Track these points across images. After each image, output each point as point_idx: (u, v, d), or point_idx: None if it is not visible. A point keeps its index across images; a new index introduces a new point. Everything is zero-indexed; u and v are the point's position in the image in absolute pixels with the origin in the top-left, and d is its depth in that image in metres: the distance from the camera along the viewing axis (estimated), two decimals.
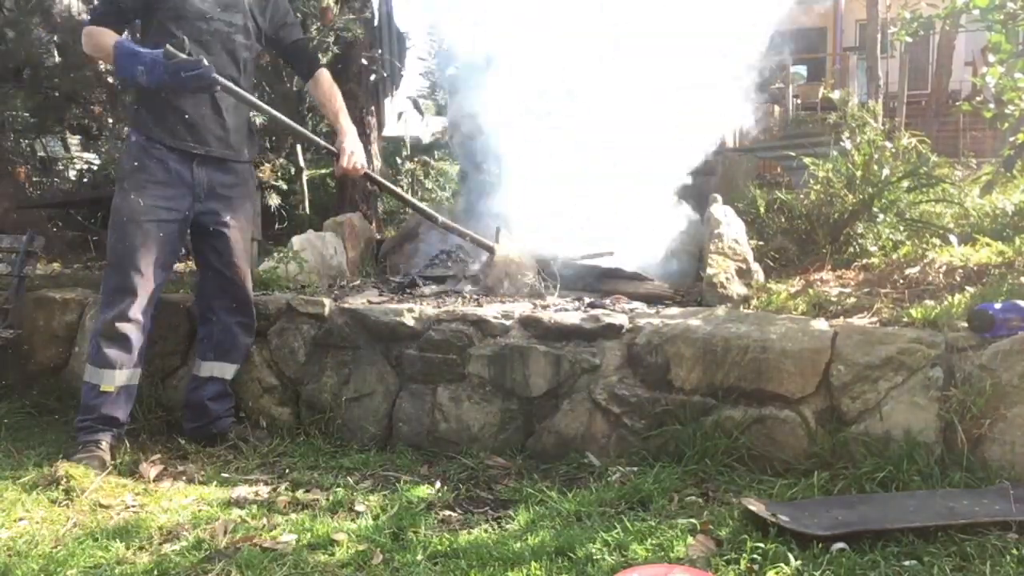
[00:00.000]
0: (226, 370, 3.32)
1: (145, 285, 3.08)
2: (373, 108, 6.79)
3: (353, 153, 3.37)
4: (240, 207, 3.34)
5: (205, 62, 2.97)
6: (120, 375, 3.08)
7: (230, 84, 3.12)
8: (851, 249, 4.18)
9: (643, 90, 4.18)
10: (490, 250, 3.84)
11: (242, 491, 2.80)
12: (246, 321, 3.35)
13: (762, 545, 2.20)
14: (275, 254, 4.19)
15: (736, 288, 3.48)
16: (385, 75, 6.98)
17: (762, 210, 4.74)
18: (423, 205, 3.97)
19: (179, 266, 6.38)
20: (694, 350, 2.93)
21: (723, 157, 6.34)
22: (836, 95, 8.21)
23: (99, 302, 3.16)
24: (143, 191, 3.10)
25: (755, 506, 2.39)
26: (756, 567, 2.14)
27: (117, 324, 3.05)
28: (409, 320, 3.25)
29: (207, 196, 3.22)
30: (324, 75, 3.53)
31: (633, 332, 3.06)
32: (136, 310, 3.07)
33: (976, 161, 6.78)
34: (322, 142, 3.59)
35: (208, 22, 3.16)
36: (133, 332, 3.08)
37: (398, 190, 3.58)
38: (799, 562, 2.13)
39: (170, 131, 3.14)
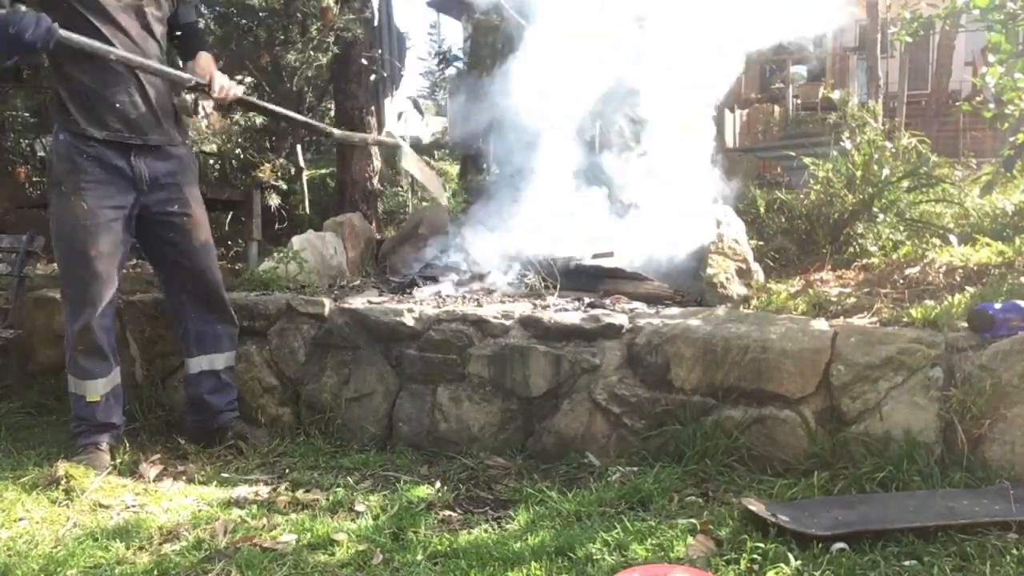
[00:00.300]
0: (215, 361, 3.27)
1: (105, 290, 3.01)
2: (373, 108, 6.79)
3: (223, 86, 3.14)
4: (189, 193, 3.21)
5: (25, 8, 2.71)
6: (101, 384, 3.06)
7: (72, 35, 2.80)
8: (851, 249, 4.18)
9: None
10: (397, 147, 3.84)
11: (242, 491, 2.80)
12: (220, 308, 3.28)
13: (762, 545, 2.20)
14: (275, 254, 4.19)
15: (736, 288, 3.48)
16: (385, 75, 6.98)
17: (762, 210, 4.74)
18: (308, 119, 3.85)
19: None
20: (694, 350, 2.93)
21: (723, 157, 6.35)
22: (836, 95, 8.21)
23: (64, 310, 3.08)
24: (83, 193, 2.95)
25: (755, 506, 2.39)
26: (756, 567, 2.14)
27: (86, 335, 3.00)
28: (409, 320, 3.25)
29: (151, 187, 3.09)
30: (204, 55, 3.34)
31: (633, 332, 3.06)
32: (100, 316, 3.01)
33: (976, 161, 6.78)
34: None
35: None
36: (103, 338, 3.03)
37: (274, 107, 3.45)
38: (799, 562, 2.13)
39: (100, 123, 2.98)
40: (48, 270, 4.54)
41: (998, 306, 2.71)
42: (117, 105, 3.00)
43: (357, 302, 3.48)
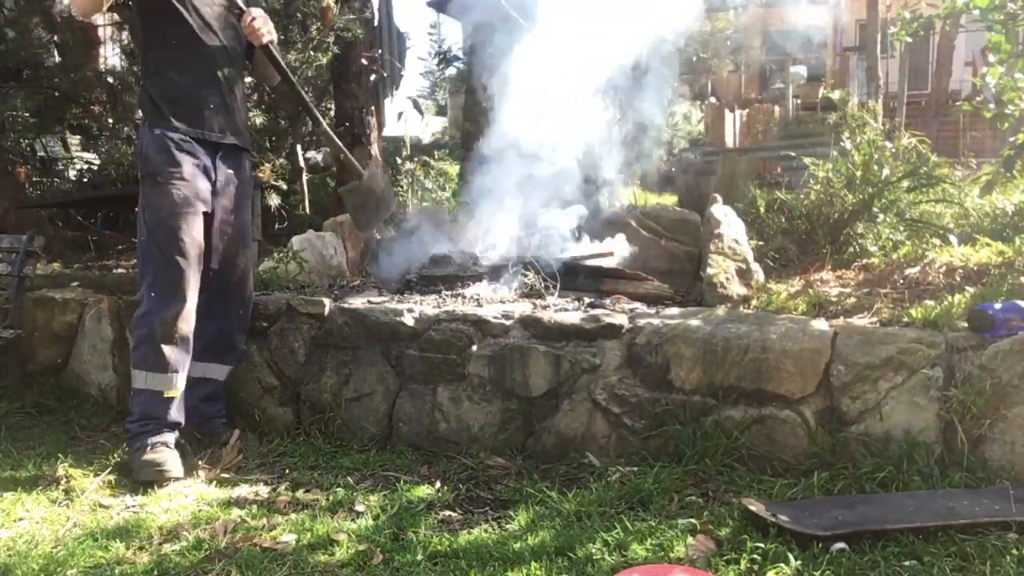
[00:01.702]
0: (221, 371, 3.29)
1: (195, 279, 3.00)
2: (373, 108, 6.79)
3: (254, 20, 3.13)
4: (243, 203, 3.28)
5: None
6: (182, 378, 3.00)
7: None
8: (851, 249, 4.18)
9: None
10: (359, 176, 3.77)
11: (242, 491, 2.81)
12: (243, 321, 3.32)
13: (762, 545, 2.20)
14: (275, 254, 4.19)
15: (736, 288, 3.48)
16: (385, 75, 6.98)
17: (762, 210, 4.74)
18: (310, 101, 3.69)
19: None
20: (694, 350, 2.93)
21: (723, 157, 6.35)
22: (836, 95, 8.22)
23: (147, 301, 2.98)
24: (178, 184, 3.00)
25: (755, 506, 2.39)
26: (756, 567, 2.14)
27: (182, 323, 2.95)
28: (409, 320, 3.25)
29: (221, 191, 3.16)
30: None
31: (633, 332, 3.06)
32: (192, 305, 2.99)
33: (976, 161, 6.78)
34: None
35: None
36: (191, 330, 3.00)
37: (288, 72, 3.36)
38: (799, 562, 2.13)
39: (193, 121, 3.07)
40: (48, 270, 4.54)
41: (998, 306, 2.71)
42: (211, 105, 3.10)
43: (357, 302, 3.48)
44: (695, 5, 4.30)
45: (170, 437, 2.98)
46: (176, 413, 3.00)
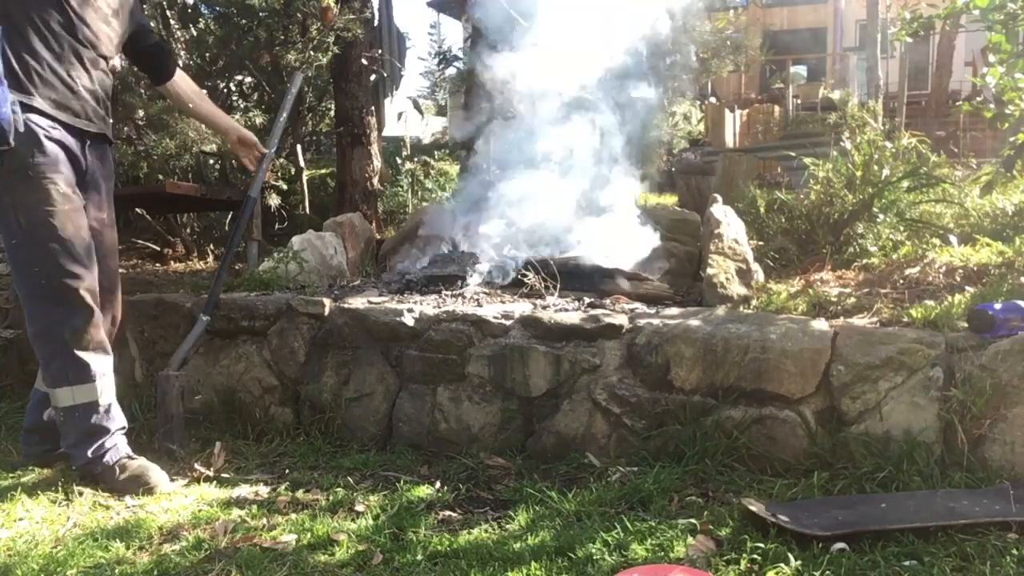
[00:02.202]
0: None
1: (93, 275, 2.75)
2: (373, 108, 6.80)
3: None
4: (109, 201, 3.00)
5: None
6: (111, 381, 2.81)
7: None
8: (851, 249, 4.18)
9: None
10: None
11: (242, 491, 2.80)
12: (118, 329, 3.09)
13: (762, 545, 2.20)
14: (275, 254, 4.19)
15: (736, 288, 3.48)
16: (385, 75, 6.99)
17: (762, 210, 4.74)
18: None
19: (178, 265, 6.40)
20: (694, 350, 2.93)
21: (723, 157, 6.35)
22: (836, 95, 8.22)
23: (39, 315, 2.72)
24: (51, 178, 2.67)
25: (755, 506, 2.39)
26: (756, 567, 2.14)
27: (89, 329, 2.71)
28: (409, 320, 3.25)
29: (90, 185, 2.88)
30: (183, 75, 3.26)
31: (633, 332, 3.06)
32: (97, 307, 2.75)
33: (976, 161, 6.78)
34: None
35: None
36: (104, 333, 2.80)
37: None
38: (799, 562, 2.13)
39: (61, 105, 2.74)
40: None
41: (998, 306, 2.71)
42: (87, 88, 2.81)
43: (357, 302, 3.48)
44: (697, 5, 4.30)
45: (124, 443, 2.83)
46: (119, 418, 2.83)
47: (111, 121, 3.05)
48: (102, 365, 2.78)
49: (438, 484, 2.84)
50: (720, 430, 2.86)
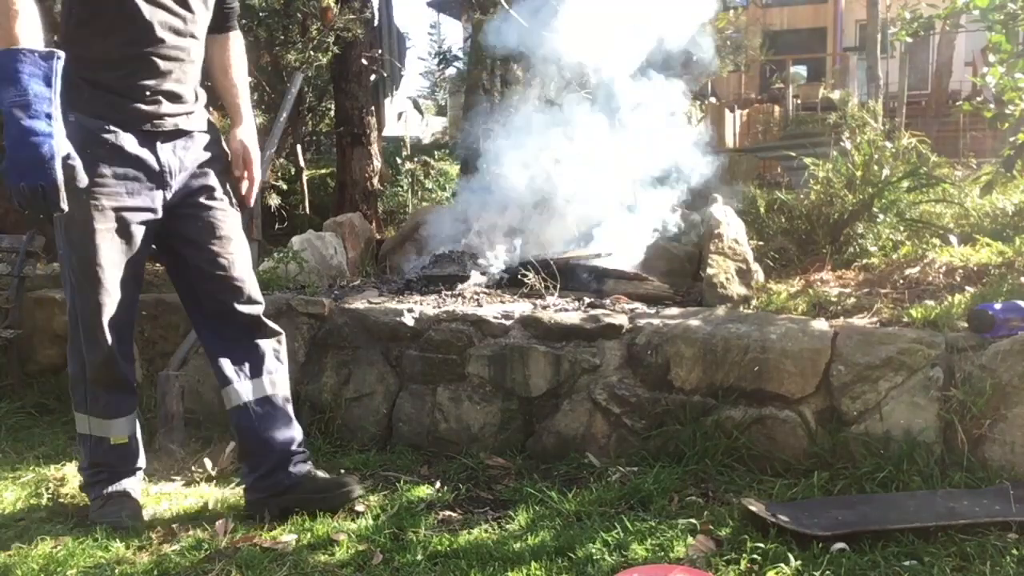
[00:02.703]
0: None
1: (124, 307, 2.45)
2: (373, 108, 6.79)
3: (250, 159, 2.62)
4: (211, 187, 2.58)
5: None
6: (126, 422, 2.55)
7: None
8: (851, 249, 4.18)
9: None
10: None
11: (242, 491, 2.80)
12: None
13: (762, 545, 2.20)
14: (275, 254, 4.19)
15: (736, 288, 3.48)
16: (385, 75, 6.99)
17: (762, 210, 4.74)
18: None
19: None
20: (694, 350, 2.93)
21: (723, 157, 6.34)
22: (836, 95, 8.22)
23: (73, 335, 2.49)
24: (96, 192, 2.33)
25: (755, 506, 2.39)
26: (756, 567, 2.14)
27: (112, 365, 2.46)
28: (409, 320, 3.25)
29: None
30: (237, 38, 2.72)
31: (633, 332, 3.06)
32: (127, 341, 2.51)
33: (976, 161, 6.78)
34: None
35: None
36: (130, 367, 2.53)
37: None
38: (799, 562, 2.13)
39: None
40: (48, 270, 4.54)
41: (998, 306, 2.71)
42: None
43: (357, 302, 3.48)
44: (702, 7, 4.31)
45: (129, 483, 2.57)
46: (132, 457, 2.60)
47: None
48: (123, 403, 2.54)
49: (438, 484, 2.84)
50: (720, 430, 2.86)
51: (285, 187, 6.94)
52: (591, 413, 3.04)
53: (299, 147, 7.20)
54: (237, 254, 2.59)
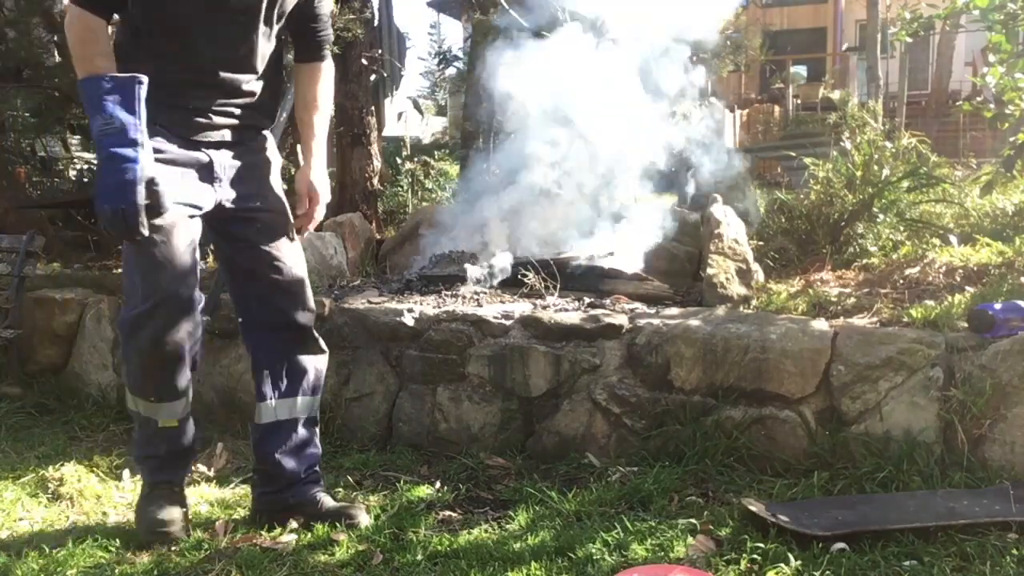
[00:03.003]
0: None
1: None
2: (373, 108, 6.78)
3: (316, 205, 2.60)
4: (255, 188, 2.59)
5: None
6: (181, 405, 2.37)
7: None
8: (851, 249, 4.18)
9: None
10: None
11: (242, 491, 2.80)
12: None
13: (762, 545, 2.20)
14: None
15: (736, 288, 3.48)
16: (385, 75, 6.98)
17: (762, 210, 4.74)
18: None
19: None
20: (694, 350, 2.93)
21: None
22: (836, 95, 8.22)
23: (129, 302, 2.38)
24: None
25: (755, 506, 2.39)
26: (756, 567, 2.14)
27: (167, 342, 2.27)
28: (409, 320, 3.25)
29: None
30: (328, 68, 2.66)
31: (633, 332, 3.06)
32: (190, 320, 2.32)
33: (976, 161, 6.78)
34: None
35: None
36: (187, 344, 2.33)
37: None
38: (799, 562, 2.13)
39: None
40: (48, 270, 4.54)
41: (998, 306, 2.71)
42: None
43: (357, 302, 3.48)
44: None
45: (177, 474, 2.45)
46: (179, 442, 2.41)
47: None
48: (172, 385, 2.35)
49: (438, 484, 2.84)
50: (720, 430, 2.86)
51: (285, 187, 6.94)
52: (591, 413, 3.04)
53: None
54: (293, 259, 2.56)
